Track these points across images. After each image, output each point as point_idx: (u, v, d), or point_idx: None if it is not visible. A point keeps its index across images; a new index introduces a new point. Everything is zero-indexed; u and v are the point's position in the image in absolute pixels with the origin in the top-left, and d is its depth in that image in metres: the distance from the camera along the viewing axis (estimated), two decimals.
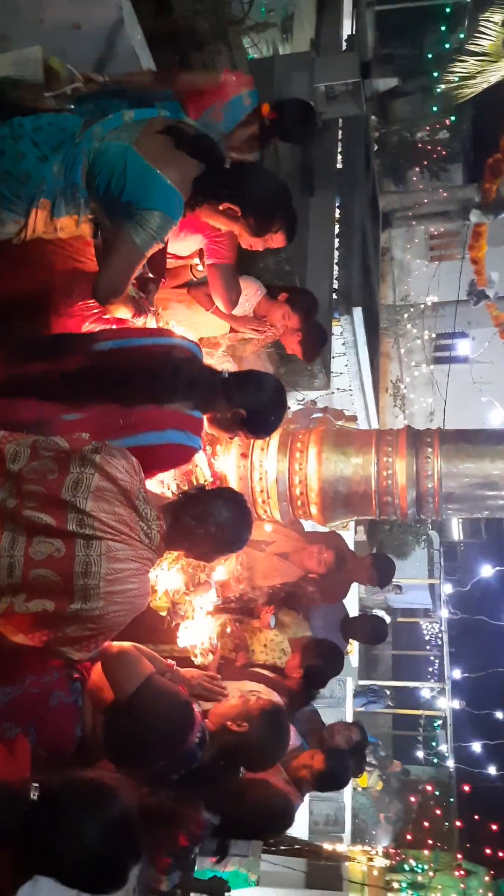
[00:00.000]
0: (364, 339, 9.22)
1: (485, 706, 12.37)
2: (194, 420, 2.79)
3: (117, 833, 1.86)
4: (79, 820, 1.84)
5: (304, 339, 4.31)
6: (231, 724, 2.83)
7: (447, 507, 3.79)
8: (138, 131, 2.63)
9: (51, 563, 2.29)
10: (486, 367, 16.39)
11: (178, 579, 3.51)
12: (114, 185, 2.58)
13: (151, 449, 2.66)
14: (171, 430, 2.69)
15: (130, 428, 2.65)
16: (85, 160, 2.60)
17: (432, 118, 16.99)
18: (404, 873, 8.17)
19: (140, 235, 2.59)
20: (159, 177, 2.58)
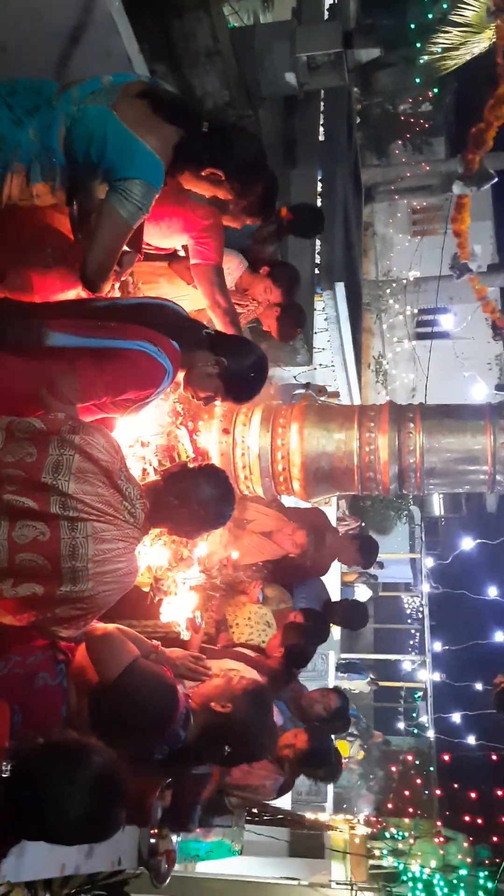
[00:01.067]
0: (346, 315, 9.21)
1: (464, 678, 12.54)
2: (171, 345, 2.73)
3: (99, 787, 1.88)
4: (58, 780, 1.86)
5: (281, 318, 4.29)
6: (215, 704, 2.84)
7: (429, 482, 3.79)
8: (117, 95, 2.56)
9: (36, 546, 2.28)
10: (467, 342, 16.45)
11: (161, 555, 3.51)
12: (93, 152, 2.50)
13: (121, 353, 2.59)
14: (146, 341, 2.64)
15: (105, 331, 2.61)
16: (62, 125, 2.52)
17: (415, 90, 16.83)
18: (385, 841, 8.32)
19: (126, 208, 2.52)
20: (140, 144, 2.51)
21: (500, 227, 19.34)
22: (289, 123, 8.19)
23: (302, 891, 7.34)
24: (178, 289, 3.82)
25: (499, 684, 5.23)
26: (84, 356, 2.56)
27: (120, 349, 2.59)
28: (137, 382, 2.67)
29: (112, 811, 1.95)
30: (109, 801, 1.93)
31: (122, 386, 2.65)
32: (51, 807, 1.85)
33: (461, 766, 12.03)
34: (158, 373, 2.68)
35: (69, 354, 2.56)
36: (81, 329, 2.58)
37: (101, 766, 1.91)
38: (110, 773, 1.93)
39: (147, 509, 2.51)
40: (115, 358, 2.57)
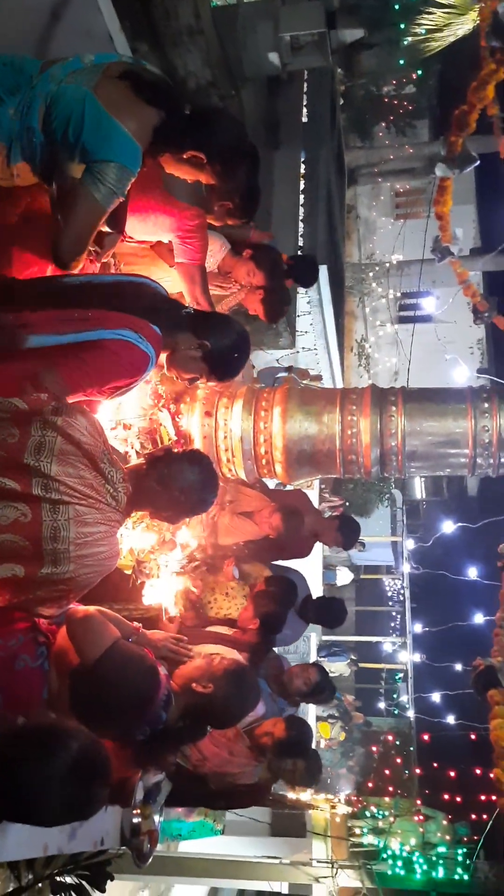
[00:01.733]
0: (329, 298, 9.19)
1: (444, 658, 12.67)
2: (152, 329, 2.70)
3: (76, 771, 1.89)
4: (35, 765, 1.87)
5: (266, 299, 4.27)
6: (196, 685, 2.86)
7: (410, 465, 3.81)
8: (98, 75, 2.53)
9: (17, 527, 2.27)
10: (450, 326, 16.48)
11: (144, 538, 3.51)
12: (71, 131, 2.48)
13: (102, 342, 2.57)
14: (126, 329, 2.61)
15: (84, 323, 2.58)
16: (42, 103, 2.49)
17: (399, 72, 16.73)
18: (366, 820, 8.41)
19: (100, 190, 2.50)
20: (118, 126, 2.48)
21: (482, 212, 19.36)
22: (272, 104, 8.13)
23: (283, 869, 7.42)
24: (160, 271, 3.80)
25: (477, 667, 5.30)
26: (65, 351, 2.54)
27: (101, 340, 2.56)
28: (121, 372, 2.65)
29: (90, 794, 1.96)
30: (87, 785, 1.94)
31: (106, 377, 2.64)
32: (28, 792, 1.86)
33: (441, 745, 12.19)
34: (141, 360, 2.67)
35: (50, 351, 2.53)
36: (60, 325, 2.55)
37: (77, 750, 1.91)
38: (88, 757, 1.94)
39: (129, 493, 2.51)
40: (96, 350, 2.55)
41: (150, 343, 2.67)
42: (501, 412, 3.64)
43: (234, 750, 3.81)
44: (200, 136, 2.77)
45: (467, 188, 18.56)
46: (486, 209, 18.90)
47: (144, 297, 2.75)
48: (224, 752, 3.78)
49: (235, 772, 3.88)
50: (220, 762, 3.80)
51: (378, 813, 8.54)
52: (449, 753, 11.69)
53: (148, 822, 3.39)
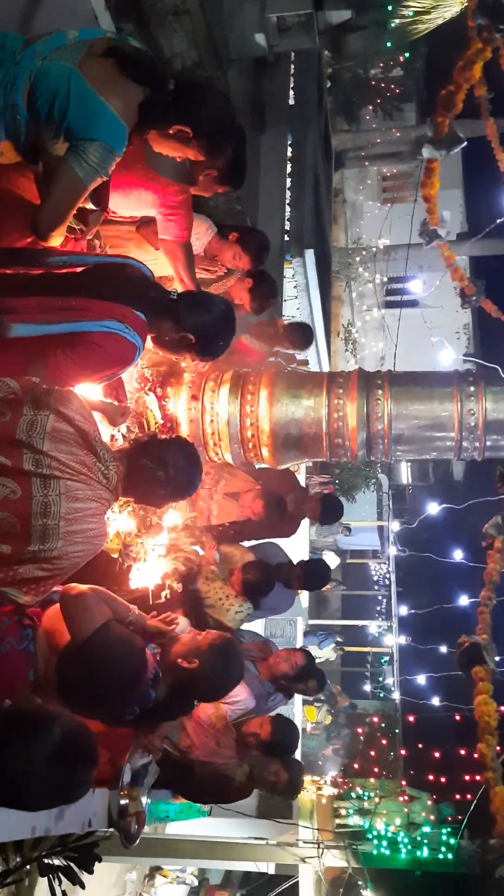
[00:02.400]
0: (316, 283, 9.18)
1: (430, 641, 12.75)
2: (137, 318, 2.69)
3: (60, 756, 1.90)
4: (19, 751, 1.87)
5: (253, 289, 4.26)
6: (181, 661, 2.88)
7: (396, 449, 3.82)
8: (82, 52, 2.50)
9: (6, 504, 2.26)
10: (436, 311, 16.49)
11: (130, 522, 3.51)
12: (56, 110, 2.45)
13: (88, 336, 2.56)
14: (111, 320, 2.59)
15: (69, 313, 2.56)
16: (26, 81, 2.46)
17: (386, 54, 16.66)
18: (351, 801, 8.48)
19: (82, 168, 2.48)
20: (103, 105, 2.46)
21: (469, 196, 19.35)
22: (258, 86, 8.06)
23: (270, 850, 7.48)
24: (146, 254, 3.77)
25: (462, 644, 5.35)
26: (51, 344, 2.53)
27: (87, 333, 2.55)
28: (108, 364, 2.65)
29: (76, 778, 1.97)
30: (73, 768, 1.95)
31: (93, 369, 2.64)
32: (13, 777, 1.87)
33: (425, 726, 12.29)
34: (128, 351, 2.67)
35: (35, 343, 2.52)
36: (44, 314, 2.53)
37: (62, 734, 1.92)
38: (73, 741, 1.94)
39: (121, 473, 2.51)
40: (83, 343, 2.54)
41: (136, 332, 2.66)
42: (487, 396, 3.65)
43: (221, 741, 3.85)
44: (186, 110, 2.75)
45: (455, 173, 18.53)
46: (473, 193, 18.91)
47: (129, 282, 2.72)
48: (212, 741, 3.82)
49: (220, 762, 3.91)
50: (208, 751, 3.83)
51: (363, 794, 8.62)
52: (434, 735, 11.79)
53: (135, 804, 3.42)
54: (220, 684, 3.04)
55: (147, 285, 2.81)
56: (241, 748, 3.94)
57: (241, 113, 7.02)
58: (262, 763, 4.00)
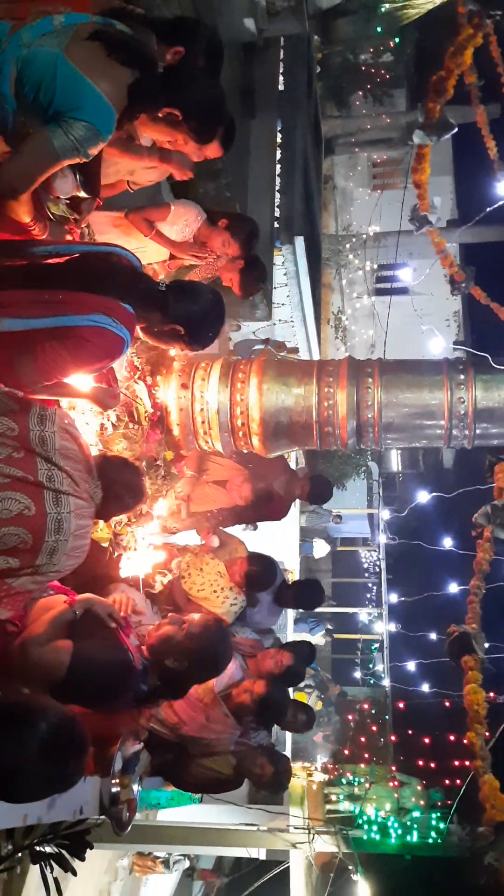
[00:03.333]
0: (306, 270, 9.12)
1: (419, 628, 12.82)
2: (125, 311, 2.67)
3: (50, 751, 1.91)
4: (7, 750, 1.88)
5: (243, 272, 4.24)
6: (170, 662, 2.90)
7: (386, 437, 3.82)
8: (68, 37, 2.46)
9: (21, 520, 2.29)
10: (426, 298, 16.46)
11: None
12: (42, 95, 2.40)
13: (76, 330, 2.54)
14: (98, 313, 2.57)
15: (56, 306, 2.54)
16: (13, 68, 2.41)
17: (376, 39, 16.57)
18: (342, 786, 8.54)
19: (59, 139, 2.40)
20: (91, 87, 2.42)
21: (459, 183, 19.31)
22: (248, 71, 7.99)
23: (261, 836, 7.53)
24: (133, 241, 3.75)
25: (452, 633, 5.37)
26: (38, 337, 2.51)
27: (75, 328, 2.54)
28: (96, 357, 2.64)
29: (67, 769, 1.98)
30: (64, 760, 1.96)
31: (81, 364, 2.63)
32: (5, 773, 1.88)
33: (415, 713, 12.40)
34: (116, 344, 2.65)
35: (22, 337, 2.51)
36: (31, 308, 2.52)
37: (50, 728, 1.92)
38: (62, 734, 1.95)
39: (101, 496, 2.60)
40: (70, 338, 2.53)
41: (124, 325, 2.64)
42: (477, 384, 3.65)
43: (210, 716, 3.84)
44: (175, 93, 2.72)
45: (445, 160, 18.48)
46: (463, 180, 18.87)
47: (117, 272, 2.69)
48: (201, 716, 3.81)
49: (212, 738, 3.91)
50: (197, 727, 3.82)
51: (354, 780, 8.68)
52: (424, 721, 11.89)
53: (127, 792, 3.43)
54: (210, 673, 3.07)
55: (134, 275, 2.79)
56: (234, 719, 3.93)
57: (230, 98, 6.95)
58: (249, 756, 4.01)
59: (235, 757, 4.02)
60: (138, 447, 3.57)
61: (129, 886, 9.08)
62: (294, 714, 4.58)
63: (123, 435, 3.49)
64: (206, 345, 3.17)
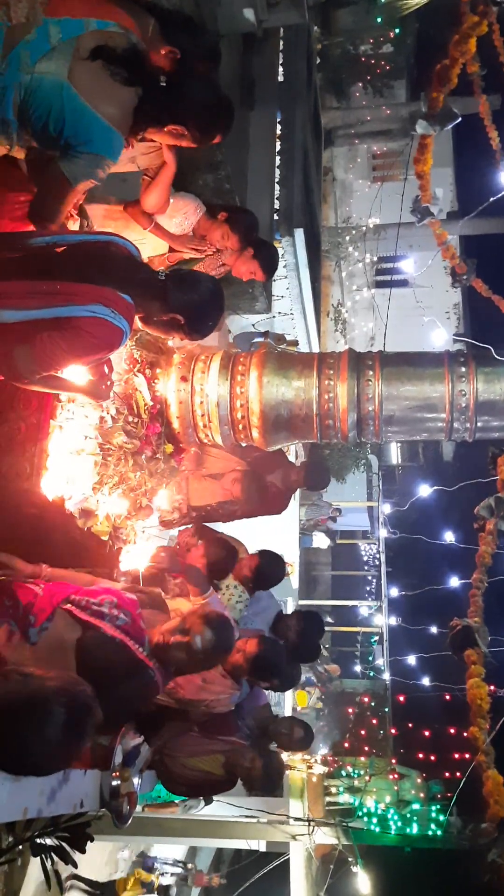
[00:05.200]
0: (305, 262, 9.09)
1: (419, 622, 12.84)
2: (124, 302, 2.68)
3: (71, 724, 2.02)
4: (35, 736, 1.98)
5: (258, 257, 4.23)
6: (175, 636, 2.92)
7: (387, 430, 3.80)
8: (69, 59, 2.50)
9: None
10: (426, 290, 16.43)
11: (120, 504, 3.49)
12: (52, 126, 2.50)
13: (74, 321, 2.56)
14: (97, 304, 2.58)
15: (53, 297, 2.55)
16: (15, 94, 2.48)
17: (376, 30, 16.47)
18: (341, 779, 8.56)
19: (72, 171, 2.57)
20: (99, 120, 2.51)
21: (459, 175, 19.24)
22: (247, 62, 7.93)
23: (261, 828, 7.55)
24: (133, 234, 3.73)
25: (454, 627, 5.36)
26: (37, 328, 2.53)
27: (74, 318, 2.55)
28: (95, 348, 2.65)
29: (87, 731, 2.11)
30: (83, 727, 2.09)
31: (80, 354, 2.65)
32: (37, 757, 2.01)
33: (415, 706, 12.41)
34: (115, 335, 2.66)
35: (20, 327, 2.52)
36: (30, 299, 2.52)
37: (65, 707, 2.01)
38: (75, 706, 2.05)
39: None
40: (69, 329, 2.54)
41: (123, 315, 2.65)
42: (478, 376, 3.63)
43: (206, 677, 3.81)
44: (179, 109, 2.78)
45: (445, 151, 18.42)
46: (464, 172, 18.80)
47: (116, 262, 2.69)
48: (197, 678, 3.77)
49: (210, 699, 3.89)
50: (194, 689, 3.80)
51: (354, 772, 8.70)
52: (424, 714, 11.91)
53: (127, 785, 3.42)
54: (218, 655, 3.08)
55: (133, 265, 2.78)
56: (230, 678, 3.92)
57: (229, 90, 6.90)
58: (238, 752, 4.00)
59: (224, 755, 4.01)
60: (137, 440, 3.55)
61: None
62: (291, 729, 4.52)
63: (123, 428, 3.48)
64: (205, 334, 3.17)
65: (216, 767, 4.01)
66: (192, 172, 4.53)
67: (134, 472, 3.52)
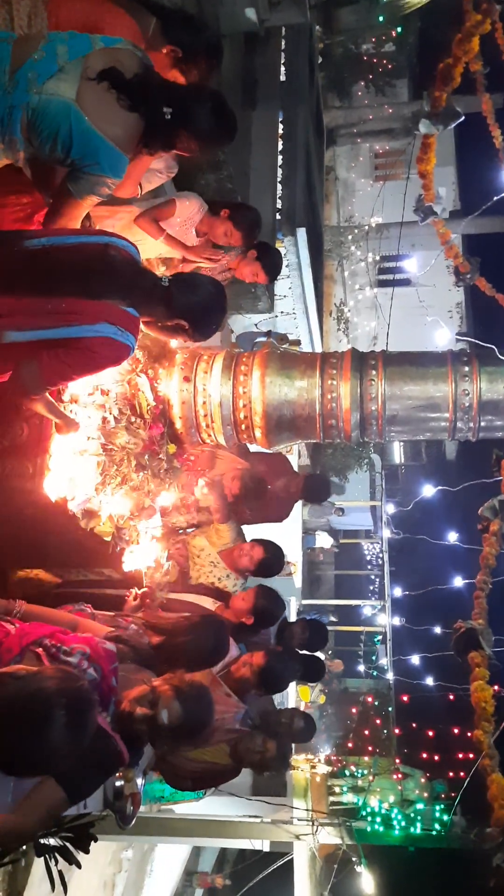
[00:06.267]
0: (308, 262, 9.09)
1: (423, 622, 12.82)
2: (128, 316, 2.70)
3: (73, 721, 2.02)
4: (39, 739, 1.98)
5: (262, 259, 4.24)
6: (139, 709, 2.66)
7: (390, 430, 3.79)
8: (77, 80, 2.53)
9: None
10: (429, 290, 16.42)
11: (123, 505, 3.48)
12: (59, 148, 2.55)
13: (81, 342, 2.58)
14: (104, 323, 2.60)
15: (61, 317, 2.56)
16: (23, 114, 2.50)
17: (378, 29, 16.43)
18: (345, 778, 8.56)
19: (79, 189, 2.64)
20: (104, 141, 2.56)
21: (462, 174, 19.22)
22: (249, 62, 7.95)
23: (264, 828, 7.55)
24: (132, 235, 3.73)
25: (458, 629, 5.35)
26: (42, 346, 2.57)
27: (80, 339, 2.58)
28: (100, 365, 2.73)
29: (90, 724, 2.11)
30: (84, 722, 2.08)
31: (86, 370, 2.73)
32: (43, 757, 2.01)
33: (419, 706, 12.39)
34: (121, 352, 2.71)
35: (27, 346, 2.57)
36: (34, 318, 2.55)
37: (65, 707, 2.01)
38: (75, 703, 2.04)
39: None
40: (75, 348, 2.58)
41: (129, 331, 2.68)
42: (482, 376, 3.62)
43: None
44: (183, 135, 2.83)
45: (447, 150, 18.38)
46: (467, 170, 18.77)
47: (118, 272, 2.68)
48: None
49: (216, 719, 3.89)
50: None
51: (357, 772, 8.70)
52: (427, 714, 11.89)
53: (131, 786, 3.42)
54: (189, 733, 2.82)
55: (136, 273, 2.77)
56: (235, 697, 3.91)
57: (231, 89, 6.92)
58: (245, 739, 3.98)
59: (229, 744, 3.99)
60: (140, 441, 3.55)
61: (133, 878, 9.11)
62: (291, 719, 4.51)
63: (125, 428, 3.47)
64: (209, 335, 3.18)
65: (222, 757, 3.99)
66: (194, 172, 4.54)
67: (137, 473, 3.51)
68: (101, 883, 8.10)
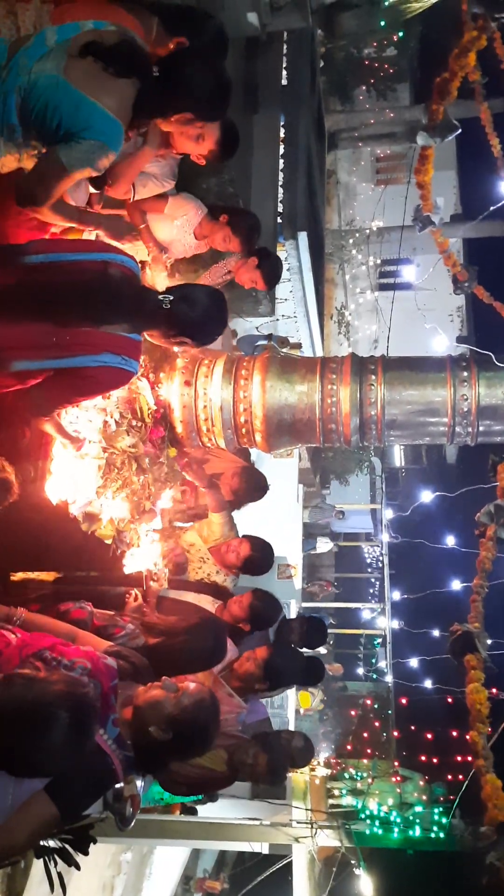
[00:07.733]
0: (309, 265, 9.10)
1: (422, 625, 12.84)
2: (132, 343, 2.76)
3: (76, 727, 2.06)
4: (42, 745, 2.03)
5: (261, 267, 4.26)
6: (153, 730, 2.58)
7: (389, 434, 3.82)
8: (64, 56, 2.50)
9: None
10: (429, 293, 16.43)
11: (123, 508, 3.50)
12: (49, 120, 2.47)
13: (86, 371, 2.66)
14: (107, 353, 2.66)
15: (65, 348, 2.61)
16: (17, 97, 2.48)
17: (380, 34, 16.43)
18: (344, 781, 8.57)
19: (69, 156, 2.49)
20: (95, 106, 2.48)
21: (463, 178, 19.25)
22: (251, 66, 7.97)
23: (263, 830, 7.55)
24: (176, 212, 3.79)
25: (455, 632, 5.37)
26: (51, 376, 2.67)
27: (85, 368, 2.65)
28: (104, 391, 2.93)
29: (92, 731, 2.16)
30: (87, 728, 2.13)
31: (90, 396, 2.92)
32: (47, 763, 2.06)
33: (418, 708, 12.41)
34: (124, 378, 2.83)
35: (34, 373, 2.67)
36: (39, 351, 2.61)
37: (68, 713, 2.03)
38: (78, 710, 2.07)
39: None
40: (80, 377, 2.67)
41: (133, 357, 2.77)
42: (480, 381, 3.65)
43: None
44: (177, 97, 2.76)
45: (448, 154, 18.41)
46: (467, 175, 18.81)
47: (120, 297, 2.69)
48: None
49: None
50: None
51: (356, 775, 8.70)
52: (426, 716, 11.91)
53: (130, 788, 3.43)
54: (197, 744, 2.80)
55: (137, 296, 2.80)
56: (237, 696, 3.92)
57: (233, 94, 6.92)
58: (242, 747, 3.99)
59: (227, 751, 4.00)
60: (141, 444, 3.57)
61: (132, 880, 9.11)
62: (291, 736, 4.41)
63: (127, 432, 3.49)
64: (210, 343, 3.20)
65: (219, 763, 3.99)
66: (195, 176, 4.56)
67: (137, 476, 3.53)
68: (100, 885, 8.11)
